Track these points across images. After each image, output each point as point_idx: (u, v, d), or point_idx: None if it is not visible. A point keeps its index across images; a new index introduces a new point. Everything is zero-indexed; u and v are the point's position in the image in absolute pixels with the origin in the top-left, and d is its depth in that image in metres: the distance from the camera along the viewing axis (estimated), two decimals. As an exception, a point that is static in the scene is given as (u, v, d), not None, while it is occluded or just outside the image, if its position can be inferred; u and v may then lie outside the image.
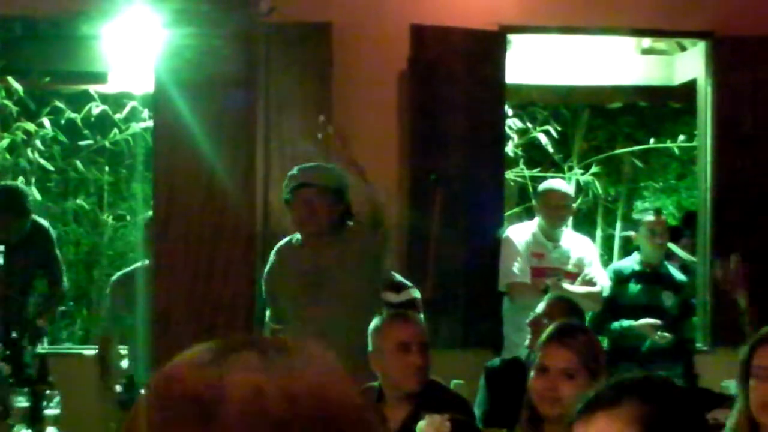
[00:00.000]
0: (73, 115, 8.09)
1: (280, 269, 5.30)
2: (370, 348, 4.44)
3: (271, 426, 1.06)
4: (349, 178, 5.20)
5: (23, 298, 6.58)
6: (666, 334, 6.75)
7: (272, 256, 5.38)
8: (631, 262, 7.07)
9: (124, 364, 5.40)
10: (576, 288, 6.69)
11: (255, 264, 3.39)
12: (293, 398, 1.07)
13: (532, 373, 3.80)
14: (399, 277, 6.12)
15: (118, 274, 6.49)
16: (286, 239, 5.43)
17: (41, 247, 6.64)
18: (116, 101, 8.18)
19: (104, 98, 8.09)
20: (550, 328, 3.91)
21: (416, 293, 6.02)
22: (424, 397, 4.30)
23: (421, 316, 5.69)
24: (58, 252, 6.92)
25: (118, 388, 4.91)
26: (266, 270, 5.30)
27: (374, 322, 4.47)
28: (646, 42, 8.36)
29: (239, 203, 3.15)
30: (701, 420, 2.23)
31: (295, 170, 5.32)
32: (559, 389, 3.69)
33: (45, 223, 6.79)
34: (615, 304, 6.90)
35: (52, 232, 6.87)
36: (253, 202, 3.28)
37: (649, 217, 7.06)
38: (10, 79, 7.62)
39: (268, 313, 5.37)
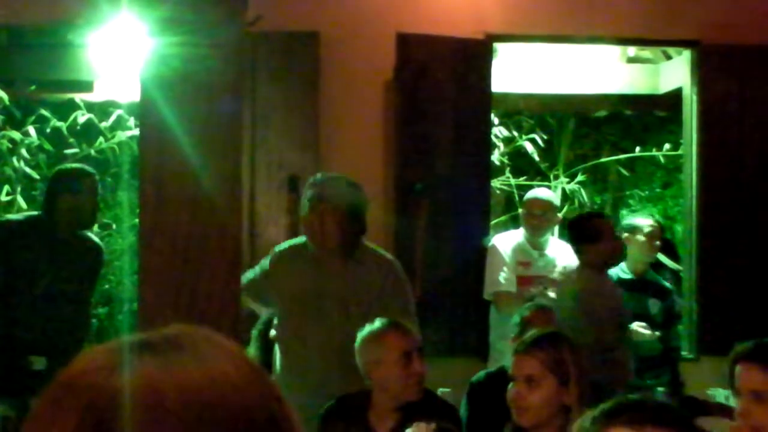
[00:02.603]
0: (58, 124, 8.07)
1: (284, 272, 5.18)
2: (363, 358, 4.40)
3: (173, 427, 1.04)
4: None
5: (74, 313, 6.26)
6: (656, 333, 6.78)
7: (277, 255, 5.25)
8: (617, 270, 7.08)
9: None
10: (562, 296, 6.70)
11: (241, 273, 3.39)
12: (192, 400, 1.05)
13: None
14: None
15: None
16: (293, 242, 5.33)
17: (91, 266, 6.36)
18: (102, 110, 8.17)
19: (90, 107, 8.07)
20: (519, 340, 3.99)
21: None
22: (413, 406, 4.30)
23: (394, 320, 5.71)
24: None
25: None
26: (265, 265, 5.22)
27: (368, 333, 4.43)
28: (632, 51, 8.39)
29: (225, 212, 3.14)
30: None
31: (318, 177, 5.24)
32: (526, 397, 3.73)
33: (101, 244, 6.58)
34: (601, 313, 6.91)
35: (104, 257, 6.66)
36: (239, 210, 3.28)
37: (649, 223, 7.06)
38: (-5, 87, 7.61)
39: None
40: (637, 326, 6.79)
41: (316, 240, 5.09)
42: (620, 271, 7.04)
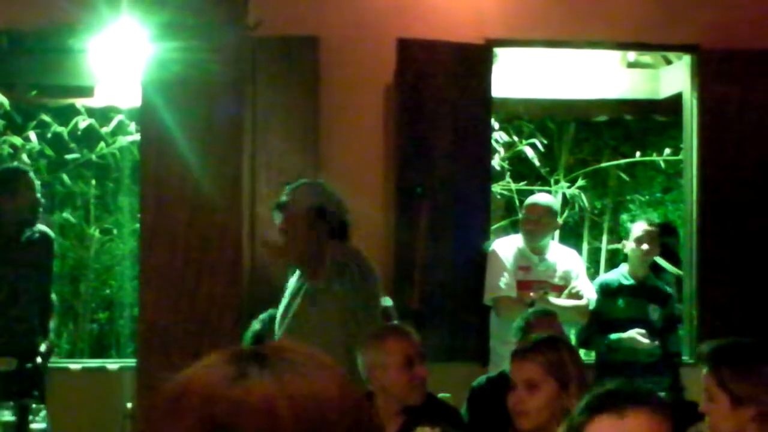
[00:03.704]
0: (59, 129, 8.07)
1: None
2: (365, 362, 4.39)
3: None
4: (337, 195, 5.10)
5: (26, 306, 6.29)
6: (655, 342, 6.79)
7: None
8: (618, 275, 7.08)
9: None
10: (562, 301, 6.70)
11: (241, 277, 3.39)
12: (303, 413, 1.13)
13: None
14: None
15: None
16: None
17: (45, 257, 6.45)
18: (103, 115, 8.17)
19: (91, 112, 8.08)
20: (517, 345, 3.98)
21: (388, 301, 6.01)
22: (417, 410, 4.30)
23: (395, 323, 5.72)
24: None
25: None
26: None
27: (369, 337, 4.43)
28: (632, 55, 8.39)
29: (226, 216, 3.15)
30: None
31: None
32: (526, 402, 3.72)
33: (51, 233, 6.64)
34: (602, 318, 6.92)
35: (55, 245, 6.72)
36: (239, 215, 3.28)
37: (641, 228, 7.08)
38: (-4, 92, 7.62)
39: None
40: (636, 333, 6.80)
41: (283, 252, 5.12)
42: (621, 276, 7.04)
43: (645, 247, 6.96)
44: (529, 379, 3.74)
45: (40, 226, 6.48)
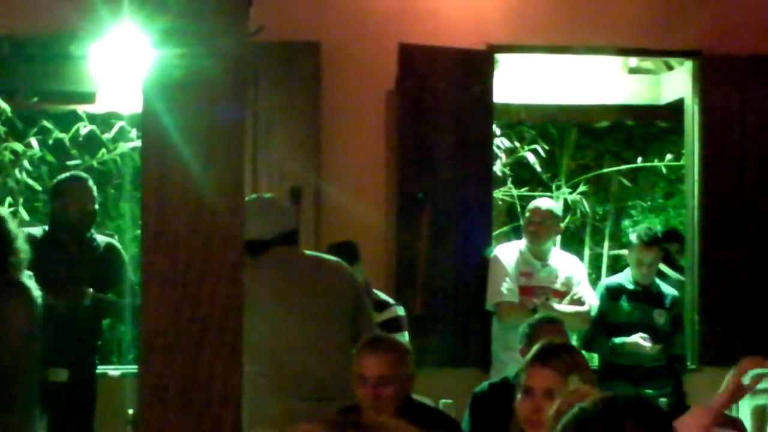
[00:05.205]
0: (61, 135, 8.07)
1: None
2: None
3: None
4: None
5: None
6: (657, 346, 6.78)
7: None
8: (623, 279, 7.08)
9: None
10: (564, 307, 6.70)
11: (243, 284, 3.38)
12: None
13: (518, 396, 3.75)
14: (382, 295, 6.12)
15: None
16: None
17: (107, 271, 6.40)
18: (104, 121, 8.17)
19: (92, 118, 8.07)
20: (533, 349, 3.85)
21: (400, 311, 6.01)
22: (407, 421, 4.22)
23: (405, 334, 5.68)
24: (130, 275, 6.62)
25: None
26: None
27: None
28: (633, 61, 8.40)
29: (228, 223, 3.14)
30: None
31: None
32: (544, 410, 3.63)
33: (118, 245, 6.60)
34: (606, 321, 6.91)
35: (125, 255, 6.68)
36: (241, 218, 3.27)
37: (634, 241, 7.07)
38: (-3, 98, 7.62)
39: None
40: (639, 338, 6.79)
41: None
42: (626, 281, 7.04)
43: (644, 270, 6.94)
44: (549, 388, 3.61)
45: (99, 237, 6.47)
